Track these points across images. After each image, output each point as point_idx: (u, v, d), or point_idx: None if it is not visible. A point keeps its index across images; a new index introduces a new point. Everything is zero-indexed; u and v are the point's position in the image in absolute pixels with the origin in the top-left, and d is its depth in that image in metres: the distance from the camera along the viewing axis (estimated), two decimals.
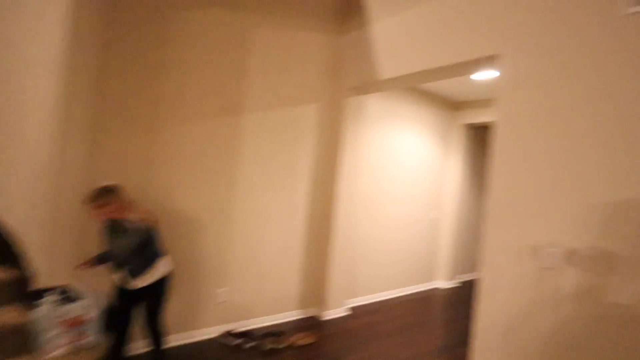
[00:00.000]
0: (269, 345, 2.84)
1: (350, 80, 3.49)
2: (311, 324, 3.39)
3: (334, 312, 3.65)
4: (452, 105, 5.05)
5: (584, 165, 1.94)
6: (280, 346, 2.87)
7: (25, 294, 2.17)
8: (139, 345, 2.55)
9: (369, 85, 3.40)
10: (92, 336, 2.10)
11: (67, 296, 2.09)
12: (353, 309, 3.88)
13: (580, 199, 1.94)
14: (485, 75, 3.46)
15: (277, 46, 3.17)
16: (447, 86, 4.40)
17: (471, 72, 2.70)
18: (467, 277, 5.54)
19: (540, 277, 2.06)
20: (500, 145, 2.28)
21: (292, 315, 3.51)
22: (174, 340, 2.73)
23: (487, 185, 2.33)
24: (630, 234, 1.78)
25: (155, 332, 2.21)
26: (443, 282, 5.10)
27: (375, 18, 3.21)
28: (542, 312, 2.05)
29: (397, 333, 3.38)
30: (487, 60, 2.44)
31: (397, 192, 4.49)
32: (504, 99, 2.28)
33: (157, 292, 2.18)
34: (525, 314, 2.11)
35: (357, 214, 3.94)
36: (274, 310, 3.39)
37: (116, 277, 2.21)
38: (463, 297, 4.71)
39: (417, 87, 4.56)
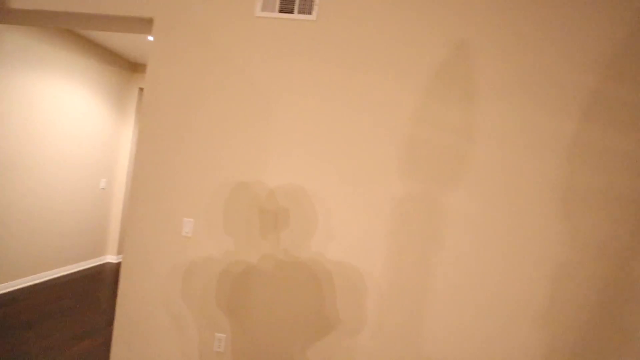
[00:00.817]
0: None
1: None
2: None
3: None
4: (130, 66, 4.66)
5: (214, 150, 2.20)
6: None
7: None
8: None
9: None
10: None
11: None
12: None
13: (213, 178, 2.20)
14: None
15: None
16: (125, 44, 4.00)
17: (131, 31, 2.51)
18: None
19: (183, 244, 2.21)
20: (147, 116, 2.25)
21: None
22: None
23: (135, 155, 2.25)
24: (242, 204, 2.18)
25: None
26: (114, 257, 4.77)
27: None
28: (182, 275, 2.21)
29: (37, 322, 2.84)
30: (143, 22, 2.31)
31: (57, 156, 3.74)
32: (153, 68, 2.25)
33: None
34: (168, 278, 2.22)
35: None
36: None
37: None
38: None
39: (89, 38, 3.89)
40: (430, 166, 2.04)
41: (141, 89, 4.73)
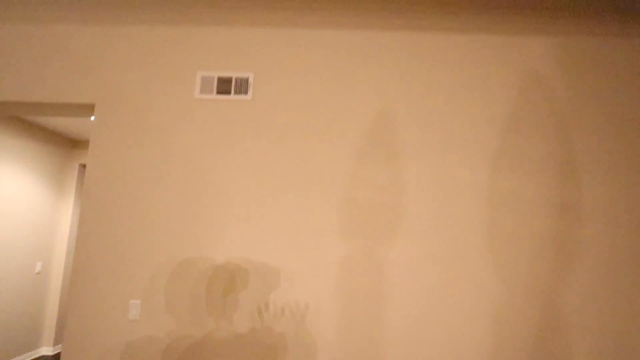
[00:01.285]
0: None
1: None
2: None
3: None
4: (70, 143, 4.60)
5: (157, 228, 2.24)
6: None
7: None
8: None
9: None
10: None
11: None
12: None
13: (155, 255, 2.21)
14: None
15: None
16: (65, 123, 3.99)
17: (75, 115, 2.57)
18: None
19: (130, 328, 2.14)
20: (90, 194, 2.26)
21: None
22: None
23: (77, 232, 2.22)
24: (188, 281, 2.19)
25: None
26: (50, 348, 4.33)
27: None
28: None
29: None
30: (85, 107, 2.40)
31: None
32: (95, 148, 2.30)
33: None
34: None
35: None
36: None
37: None
38: None
39: (25, 120, 3.84)
40: (368, 224, 2.22)
41: (82, 165, 4.64)
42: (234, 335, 2.13)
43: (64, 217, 4.51)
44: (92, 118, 3.52)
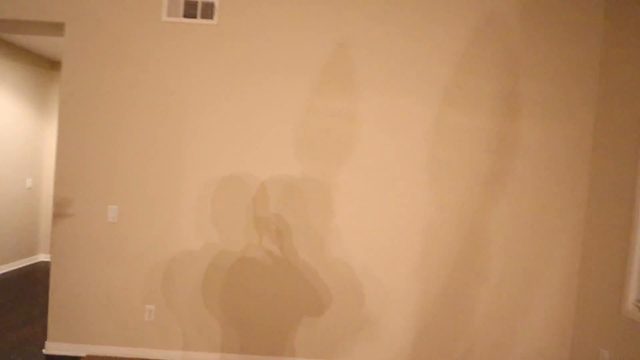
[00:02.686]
0: None
1: None
2: None
3: None
4: (50, 65, 4.62)
5: (142, 144, 2.45)
6: None
7: None
8: None
9: None
10: None
11: None
12: None
13: (125, 169, 2.45)
14: None
15: None
16: (40, 42, 3.99)
17: (43, 34, 2.64)
18: None
19: (110, 231, 2.46)
20: (65, 115, 2.45)
21: None
22: None
23: (57, 152, 2.45)
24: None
25: None
26: (47, 255, 4.77)
27: None
28: (104, 263, 2.47)
29: None
30: (54, 26, 2.48)
31: None
32: (68, 67, 2.44)
33: None
34: (94, 270, 2.47)
35: None
36: None
37: None
38: None
39: (6, 40, 3.83)
40: (322, 148, 2.46)
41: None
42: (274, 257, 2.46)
43: (50, 136, 4.69)
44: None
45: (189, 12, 2.43)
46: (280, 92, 2.45)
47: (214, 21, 2.43)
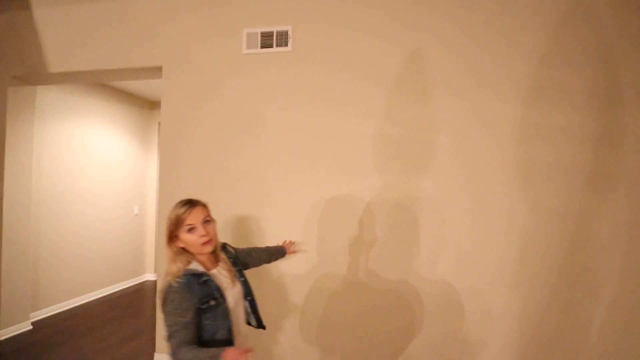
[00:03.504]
0: None
1: (11, 68, 3.09)
2: None
3: (11, 329, 3.20)
4: (149, 105, 5.27)
5: (224, 168, 2.65)
6: None
7: None
8: None
9: (36, 76, 3.13)
10: None
11: None
12: (43, 320, 3.51)
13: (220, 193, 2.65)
14: None
15: None
16: (142, 86, 4.58)
17: (145, 78, 3.03)
18: None
19: None
20: (165, 144, 2.74)
21: None
22: None
23: (159, 181, 2.74)
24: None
25: None
26: (152, 275, 5.30)
27: (36, 2, 3.00)
28: None
29: (91, 331, 3.35)
30: (154, 70, 2.82)
31: (95, 190, 4.32)
32: (166, 104, 2.74)
33: None
34: None
35: (38, 216, 3.56)
36: None
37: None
38: None
39: (112, 86, 4.49)
40: (401, 158, 2.41)
41: (160, 123, 5.32)
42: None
43: (151, 168, 5.30)
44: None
45: (266, 42, 2.60)
46: (356, 106, 2.47)
47: (289, 48, 2.56)
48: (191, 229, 1.32)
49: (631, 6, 2.17)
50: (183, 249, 1.35)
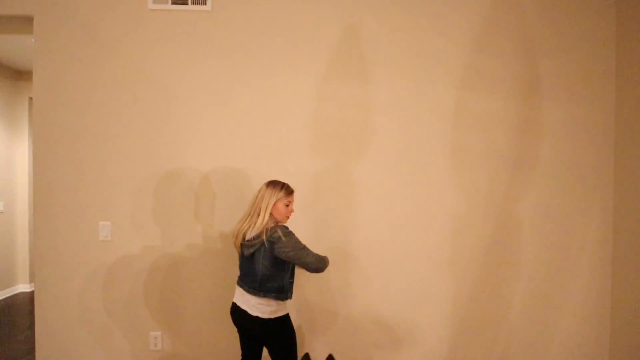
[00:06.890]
0: None
1: None
2: None
3: None
4: (15, 74, 4.23)
5: (127, 145, 2.15)
6: None
7: None
8: None
9: None
10: None
11: None
12: None
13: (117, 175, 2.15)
14: None
15: None
16: (7, 50, 3.61)
17: (8, 32, 2.31)
18: None
19: (101, 248, 2.14)
20: (39, 123, 2.13)
21: None
22: None
23: (34, 166, 2.12)
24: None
25: None
26: (27, 285, 4.34)
27: None
28: (102, 280, 2.15)
29: None
30: (20, 21, 2.16)
31: None
32: (40, 71, 2.12)
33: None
34: (86, 285, 2.14)
35: None
36: None
37: None
38: None
39: None
40: (337, 140, 2.22)
41: (32, 99, 4.31)
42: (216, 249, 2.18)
43: (21, 154, 4.27)
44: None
45: None
46: (286, 82, 2.19)
47: (207, 7, 2.16)
48: (288, 205, 1.81)
49: (553, 2, 2.28)
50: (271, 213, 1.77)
